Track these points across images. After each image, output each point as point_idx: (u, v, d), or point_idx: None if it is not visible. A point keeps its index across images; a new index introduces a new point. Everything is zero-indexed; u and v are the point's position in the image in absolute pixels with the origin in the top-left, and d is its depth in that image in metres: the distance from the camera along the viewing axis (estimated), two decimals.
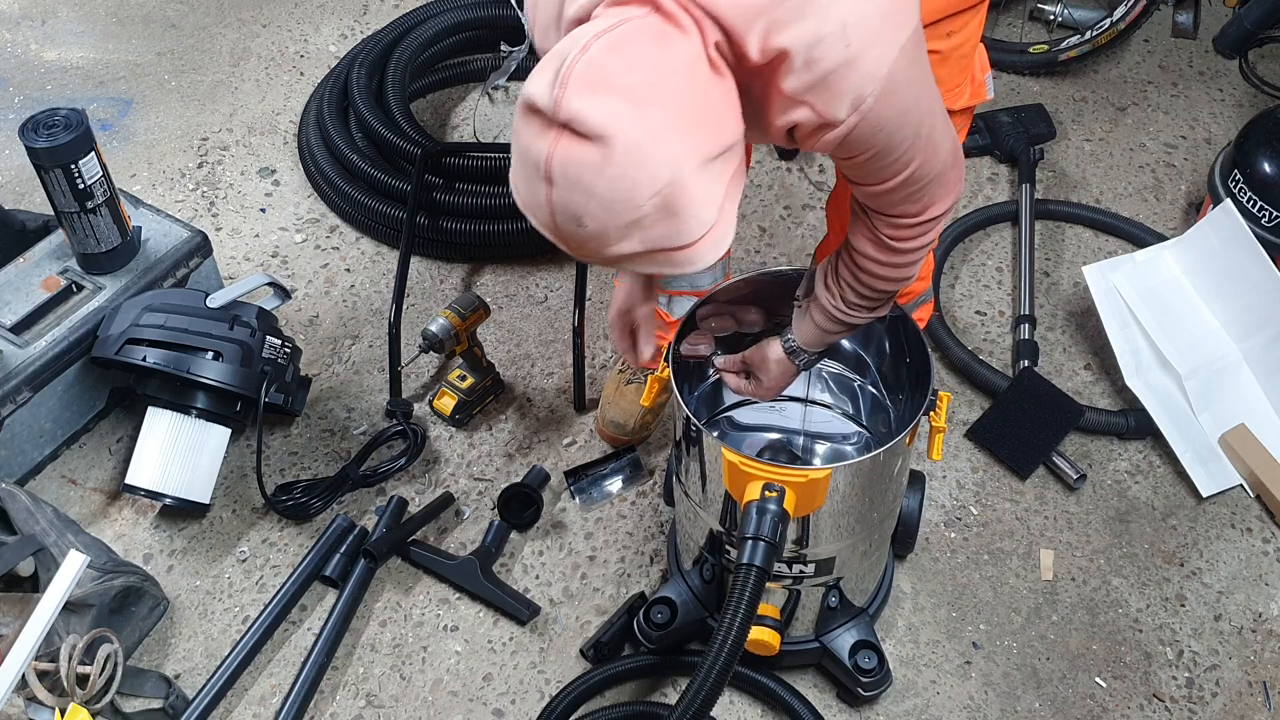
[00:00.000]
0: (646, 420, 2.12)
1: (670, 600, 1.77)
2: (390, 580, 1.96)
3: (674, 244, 1.11)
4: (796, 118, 1.17)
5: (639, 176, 1.06)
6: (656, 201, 1.07)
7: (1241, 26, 2.72)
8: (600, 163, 1.05)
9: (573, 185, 1.07)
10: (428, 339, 2.04)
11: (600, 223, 1.09)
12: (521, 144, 1.11)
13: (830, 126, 1.17)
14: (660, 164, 1.06)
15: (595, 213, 1.08)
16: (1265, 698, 1.82)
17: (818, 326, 1.53)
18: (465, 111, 2.84)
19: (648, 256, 1.13)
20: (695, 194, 1.09)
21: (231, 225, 2.57)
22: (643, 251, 1.12)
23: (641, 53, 1.07)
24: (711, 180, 1.11)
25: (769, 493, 1.42)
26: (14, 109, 2.86)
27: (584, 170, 1.06)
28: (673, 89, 1.07)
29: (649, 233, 1.10)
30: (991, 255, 2.49)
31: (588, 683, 1.76)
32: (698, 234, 1.12)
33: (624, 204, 1.07)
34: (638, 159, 1.05)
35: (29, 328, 2.03)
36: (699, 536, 1.69)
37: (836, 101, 1.15)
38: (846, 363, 1.81)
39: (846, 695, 1.79)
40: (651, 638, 1.76)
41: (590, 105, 1.04)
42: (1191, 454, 2.09)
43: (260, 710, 1.80)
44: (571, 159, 1.06)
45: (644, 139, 1.05)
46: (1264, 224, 2.26)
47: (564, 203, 1.09)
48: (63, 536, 1.78)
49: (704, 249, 1.13)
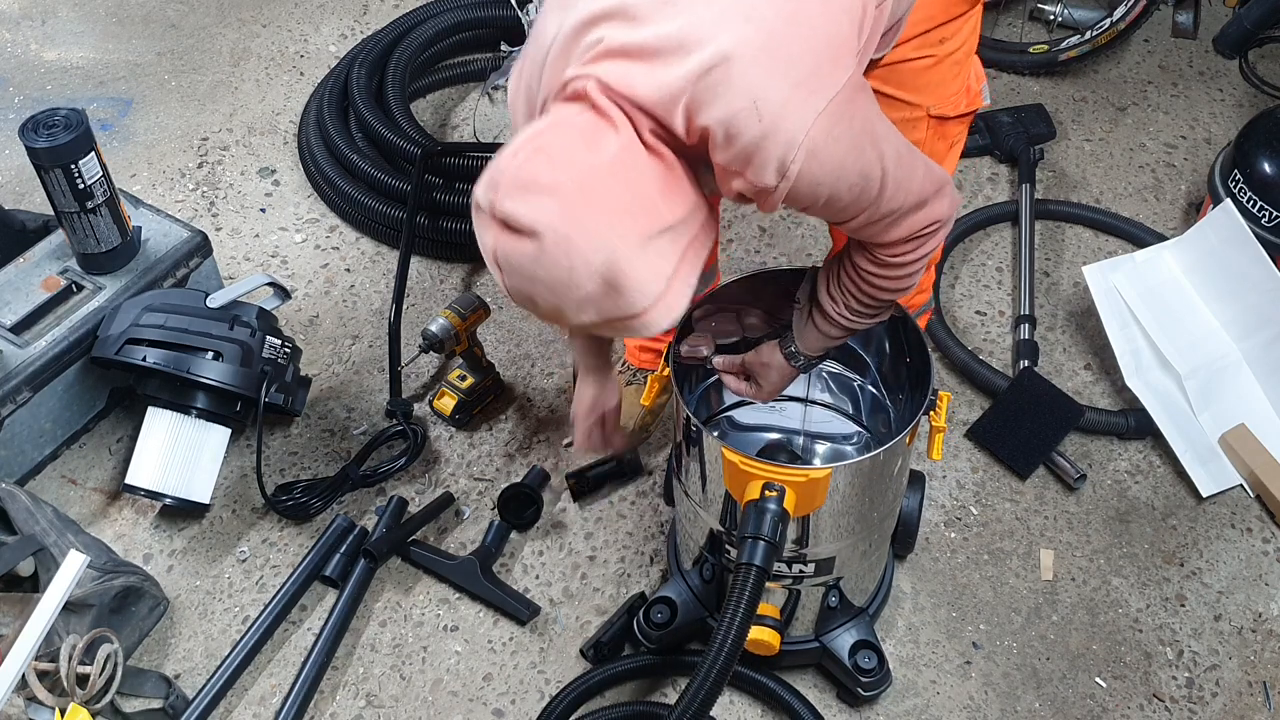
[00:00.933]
0: (646, 420, 2.12)
1: (670, 600, 1.77)
2: (390, 580, 1.96)
3: (625, 314, 1.19)
4: (736, 186, 1.23)
5: (573, 264, 1.14)
6: (597, 280, 1.15)
7: (1241, 26, 2.71)
8: (536, 254, 1.14)
9: (516, 273, 1.18)
10: (428, 339, 2.04)
11: (550, 303, 1.19)
12: (477, 233, 1.22)
13: (766, 192, 1.22)
14: (592, 250, 1.14)
15: (543, 295, 1.18)
16: (1265, 698, 1.82)
17: (820, 332, 1.53)
18: (465, 111, 2.84)
19: (606, 325, 1.21)
20: (637, 271, 1.17)
21: (231, 225, 2.57)
22: (600, 321, 1.20)
23: (569, 153, 1.16)
24: (656, 255, 1.18)
25: (769, 492, 1.42)
26: (14, 109, 2.86)
27: (523, 260, 1.16)
28: (599, 183, 1.16)
29: (600, 305, 1.18)
30: (991, 255, 2.49)
31: (587, 683, 1.76)
32: (645, 304, 1.19)
33: (565, 286, 1.16)
34: (568, 249, 1.14)
35: (29, 328, 2.03)
36: (699, 536, 1.69)
37: (763, 170, 1.20)
38: (846, 363, 1.81)
39: (846, 695, 1.79)
40: (652, 637, 1.76)
41: (518, 206, 1.14)
42: (1191, 454, 2.09)
43: (260, 710, 1.80)
44: (511, 251, 1.16)
45: (572, 231, 1.14)
46: (1264, 224, 2.26)
47: (514, 287, 1.20)
48: (63, 536, 1.78)
49: (655, 317, 1.20)
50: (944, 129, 1.69)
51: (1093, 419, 2.13)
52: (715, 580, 1.75)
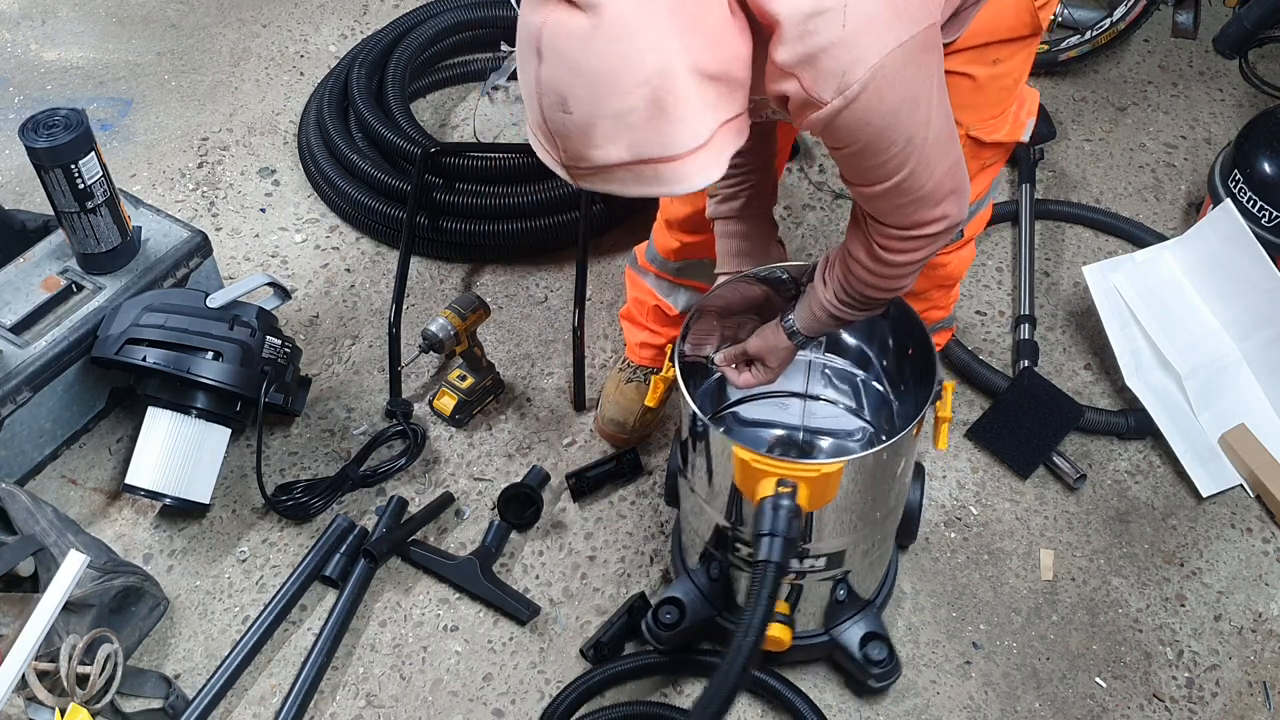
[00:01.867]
0: (646, 420, 2.12)
1: (678, 600, 1.77)
2: (390, 580, 1.96)
3: (662, 153, 1.10)
4: (785, 88, 1.17)
5: (626, 54, 1.04)
6: (644, 93, 1.05)
7: (1241, 26, 2.71)
8: (589, 33, 1.03)
9: (560, 58, 1.06)
10: (428, 339, 2.04)
11: (584, 108, 1.07)
12: (520, 26, 1.10)
13: (815, 106, 1.16)
14: (649, 48, 1.04)
15: (580, 93, 1.06)
16: (1265, 698, 1.82)
17: (813, 315, 1.53)
18: (465, 111, 2.84)
19: (634, 169, 1.11)
20: (687, 98, 1.07)
21: (231, 225, 2.57)
22: (630, 161, 1.10)
23: None
24: (705, 98, 1.09)
25: (782, 488, 1.41)
26: (14, 109, 2.86)
27: (571, 41, 1.05)
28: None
29: (636, 134, 1.08)
30: (991, 255, 2.49)
31: (588, 682, 1.76)
32: (688, 144, 1.10)
33: (609, 87, 1.05)
34: (625, 34, 1.03)
35: (29, 328, 2.03)
36: (705, 533, 1.69)
37: (823, 81, 1.14)
38: (849, 357, 1.81)
39: (855, 687, 1.79)
40: (661, 638, 1.75)
41: None
42: (1191, 454, 2.09)
43: (260, 710, 1.80)
44: (560, 28, 1.05)
45: (635, 15, 1.04)
46: (1264, 224, 2.26)
47: (550, 80, 1.07)
48: (63, 536, 1.78)
49: (693, 167, 1.12)
50: (979, 152, 1.66)
51: (1093, 419, 2.13)
52: (722, 578, 1.75)
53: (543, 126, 1.13)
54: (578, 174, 1.16)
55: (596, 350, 2.31)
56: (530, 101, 1.12)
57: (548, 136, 1.13)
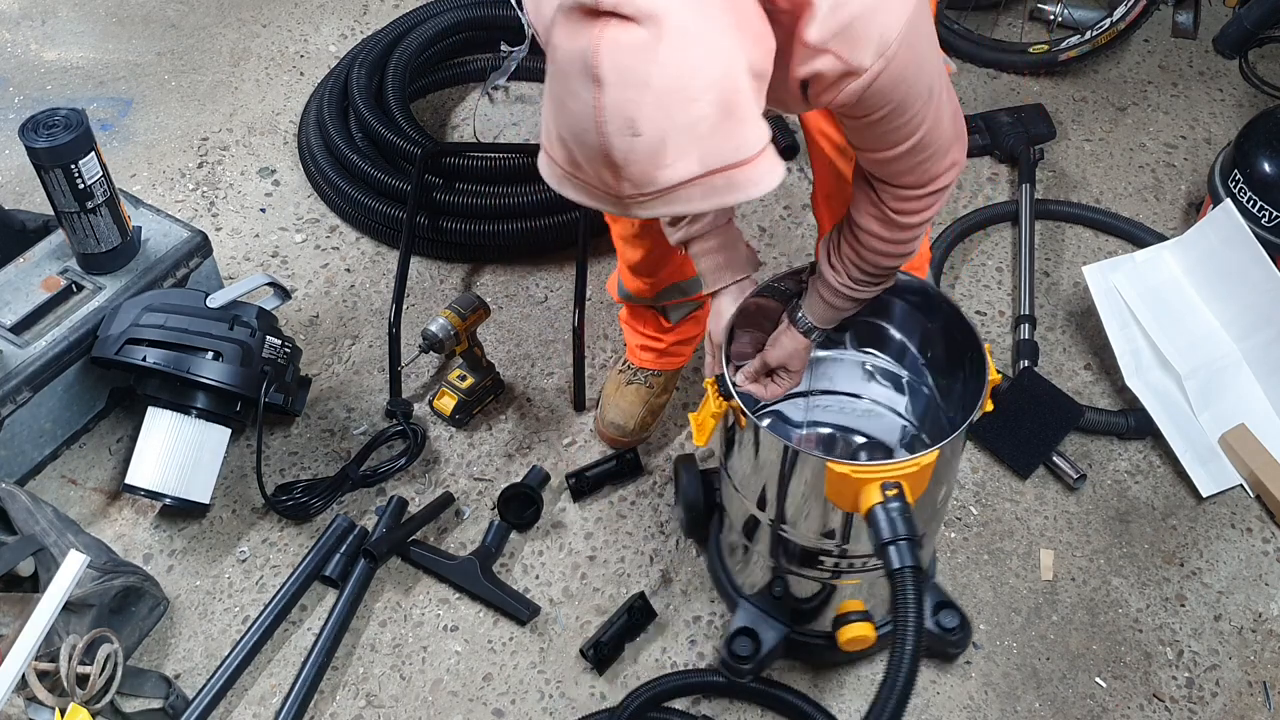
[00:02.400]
0: (646, 421, 2.12)
1: (749, 630, 1.74)
2: (390, 580, 1.96)
3: (735, 159, 1.05)
4: (819, 67, 1.15)
5: (693, 60, 1.00)
6: (712, 97, 1.02)
7: (1241, 26, 2.72)
8: (651, 43, 0.99)
9: (624, 76, 0.99)
10: (428, 339, 2.04)
11: (656, 125, 1.01)
12: (560, 57, 1.03)
13: (854, 75, 1.15)
14: (714, 49, 1.01)
15: (650, 111, 1.00)
16: (1265, 698, 1.82)
17: (827, 303, 1.54)
18: (465, 111, 2.84)
19: (706, 181, 1.06)
20: (749, 99, 1.04)
21: (231, 225, 2.57)
22: (701, 174, 1.05)
23: None
24: (759, 95, 1.06)
25: (890, 491, 1.40)
26: (14, 109, 2.86)
27: (635, 56, 0.99)
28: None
29: (707, 143, 1.03)
30: (991, 255, 2.49)
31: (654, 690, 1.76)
32: (758, 145, 1.07)
33: (679, 95, 1.01)
34: (689, 39, 1.00)
35: (29, 328, 2.03)
36: (777, 556, 1.67)
37: (861, 48, 1.13)
38: (890, 352, 1.81)
39: (937, 659, 1.81)
40: (742, 672, 1.72)
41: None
42: (1191, 454, 2.09)
43: (260, 710, 1.80)
44: (621, 45, 0.99)
45: (694, 18, 1.00)
46: (1264, 224, 2.26)
47: (616, 103, 1.00)
48: (63, 536, 1.78)
49: (765, 167, 1.08)
50: None
51: (1093, 419, 2.13)
52: (787, 594, 1.74)
53: (603, 158, 1.05)
54: (637, 201, 1.08)
55: (596, 350, 2.31)
56: (582, 135, 1.04)
57: (608, 167, 1.05)
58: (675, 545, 2.00)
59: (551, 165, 1.13)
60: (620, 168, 1.04)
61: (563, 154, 1.09)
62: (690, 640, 1.88)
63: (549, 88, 1.08)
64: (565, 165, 1.10)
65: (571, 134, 1.06)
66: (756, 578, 1.78)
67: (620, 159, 1.04)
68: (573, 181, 1.11)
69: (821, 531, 1.59)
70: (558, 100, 1.06)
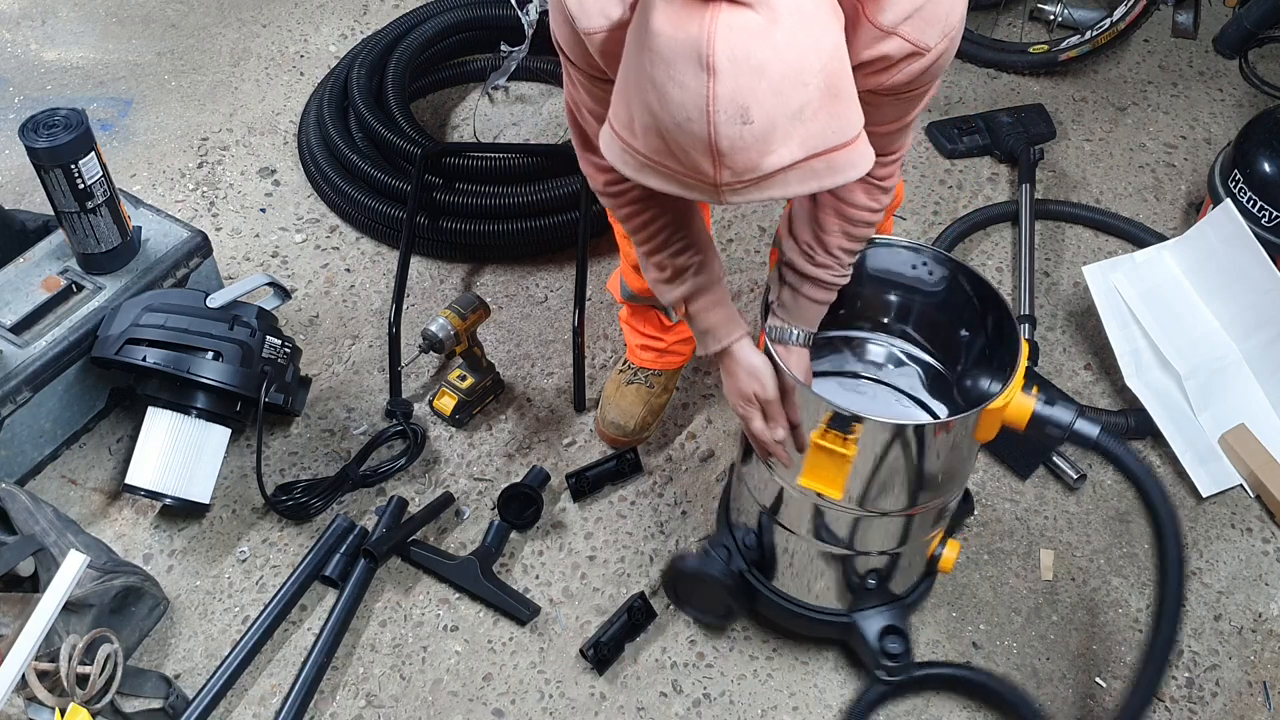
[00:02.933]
0: (646, 420, 2.12)
1: (897, 628, 1.74)
2: (390, 580, 1.96)
3: (836, 141, 1.04)
4: (886, 49, 1.17)
5: (804, 42, 0.99)
6: (820, 80, 1.00)
7: (1241, 26, 2.72)
8: (768, 26, 0.97)
9: (740, 64, 0.97)
10: (428, 339, 2.04)
11: (768, 112, 0.99)
12: (662, 44, 0.99)
13: (919, 55, 1.18)
14: (823, 27, 1.00)
15: (764, 98, 0.98)
16: (1265, 698, 1.82)
17: (818, 303, 1.53)
18: (465, 111, 2.85)
19: (807, 165, 1.04)
20: (850, 76, 1.04)
21: (231, 225, 2.57)
22: (802, 159, 1.03)
23: None
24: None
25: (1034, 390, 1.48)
26: (14, 109, 2.86)
27: (752, 40, 0.97)
28: None
29: (811, 126, 1.01)
30: (991, 255, 2.49)
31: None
32: (857, 126, 1.06)
33: (793, 80, 0.99)
34: (802, 19, 0.99)
35: (29, 328, 2.03)
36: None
37: (929, 29, 1.16)
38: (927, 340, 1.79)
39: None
40: (897, 671, 1.72)
41: None
42: (1191, 454, 2.09)
43: (260, 710, 1.80)
44: (736, 30, 0.97)
45: (805, 1, 1.00)
46: (1264, 224, 2.26)
47: (731, 92, 0.98)
48: (63, 536, 1.78)
49: (862, 147, 1.07)
50: None
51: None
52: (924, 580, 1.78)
53: (706, 146, 1.02)
54: (733, 189, 1.05)
55: (596, 350, 2.31)
56: (685, 125, 1.01)
57: (709, 156, 1.02)
58: (675, 545, 2.00)
59: (628, 153, 1.09)
60: (724, 155, 1.02)
61: (650, 143, 1.06)
62: (690, 640, 1.88)
63: (636, 76, 1.04)
64: (650, 154, 1.07)
65: (672, 122, 1.02)
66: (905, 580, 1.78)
67: (726, 147, 1.01)
68: (658, 170, 1.08)
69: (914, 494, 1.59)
70: (656, 88, 1.01)
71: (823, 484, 1.52)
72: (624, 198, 1.49)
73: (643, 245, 1.52)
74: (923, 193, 2.63)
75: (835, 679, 1.83)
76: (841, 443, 1.47)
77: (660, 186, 1.10)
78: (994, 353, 1.60)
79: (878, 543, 1.65)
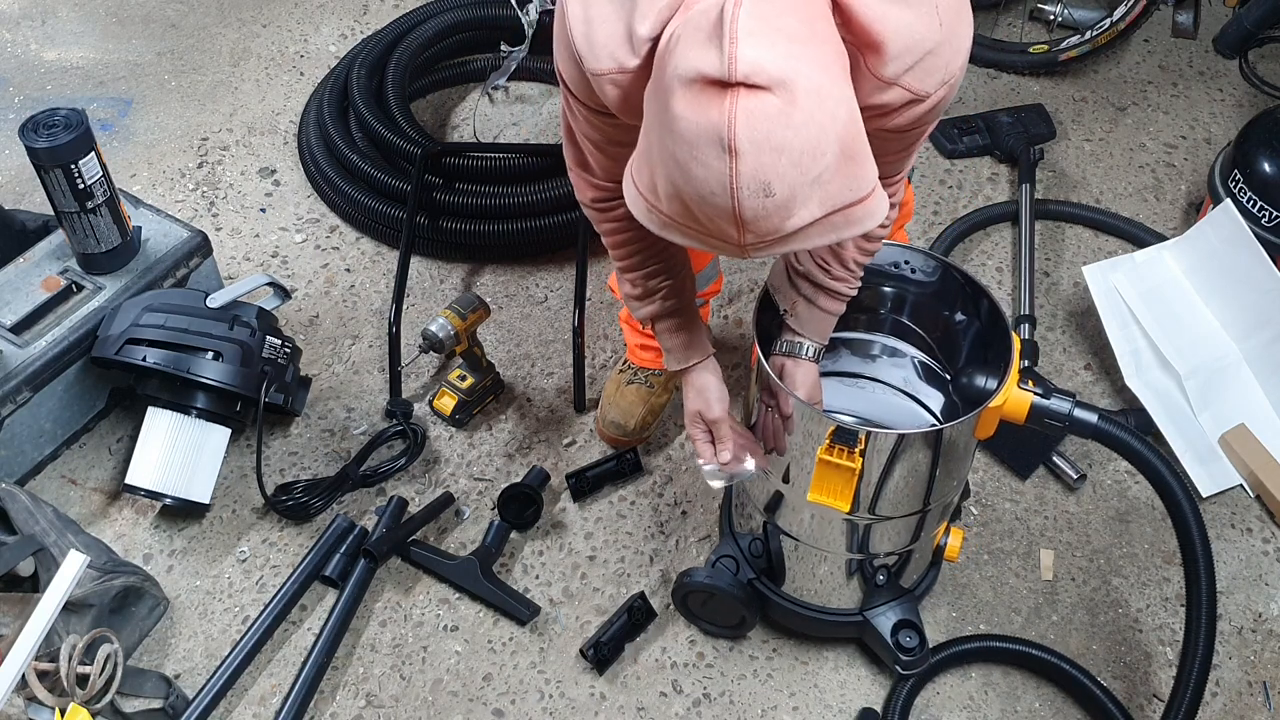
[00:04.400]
0: (646, 420, 2.12)
1: (910, 622, 1.75)
2: (390, 580, 1.96)
3: (851, 199, 1.07)
4: (887, 98, 1.18)
5: (823, 118, 1.01)
6: (837, 148, 1.03)
7: (1241, 26, 2.72)
8: (786, 109, 1.00)
9: (760, 145, 1.00)
10: (428, 339, 2.05)
11: (789, 184, 1.02)
12: (685, 128, 1.03)
13: (917, 102, 1.19)
14: (838, 101, 1.03)
15: (785, 172, 1.02)
16: (1265, 698, 1.82)
17: (831, 314, 1.55)
18: (465, 111, 2.85)
19: (825, 222, 1.07)
20: (863, 136, 1.07)
21: (231, 225, 2.57)
22: (821, 217, 1.06)
23: (784, 1, 1.04)
24: None
25: (1028, 383, 1.50)
26: (14, 109, 2.86)
27: (771, 123, 1.00)
28: (821, 29, 1.06)
29: (828, 188, 1.05)
30: (991, 255, 2.49)
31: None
32: (870, 181, 1.09)
33: (812, 152, 1.02)
34: (818, 98, 1.01)
35: (29, 328, 2.03)
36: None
37: (929, 78, 1.18)
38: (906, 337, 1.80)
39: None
40: (911, 664, 1.73)
41: (764, 52, 0.99)
42: (1191, 454, 2.09)
43: (260, 710, 1.80)
44: (756, 114, 1.00)
45: (820, 77, 1.02)
46: (1264, 224, 2.26)
47: (752, 170, 1.01)
48: (63, 536, 1.78)
49: (877, 201, 1.10)
50: None
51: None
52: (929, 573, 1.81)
53: (730, 216, 1.05)
54: (756, 248, 1.09)
55: (596, 350, 2.31)
56: (710, 199, 1.04)
57: (733, 224, 1.06)
58: (675, 545, 2.00)
59: (653, 212, 1.12)
60: (748, 224, 1.05)
61: (674, 208, 1.09)
62: (690, 640, 1.88)
63: (659, 149, 1.07)
64: (676, 217, 1.10)
65: (696, 195, 1.05)
66: (912, 574, 1.79)
67: (750, 217, 1.04)
68: (682, 230, 1.11)
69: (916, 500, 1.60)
70: (680, 165, 1.05)
71: (830, 498, 1.52)
72: (609, 214, 1.52)
73: (620, 261, 1.58)
74: (923, 193, 2.62)
75: (835, 679, 1.83)
76: (847, 456, 1.47)
77: (684, 243, 1.13)
78: (988, 350, 1.61)
79: (887, 544, 1.66)
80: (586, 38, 1.20)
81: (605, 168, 1.45)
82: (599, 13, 1.18)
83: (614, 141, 1.37)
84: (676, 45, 1.05)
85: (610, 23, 1.17)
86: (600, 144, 1.39)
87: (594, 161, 1.45)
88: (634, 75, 1.16)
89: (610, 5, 1.17)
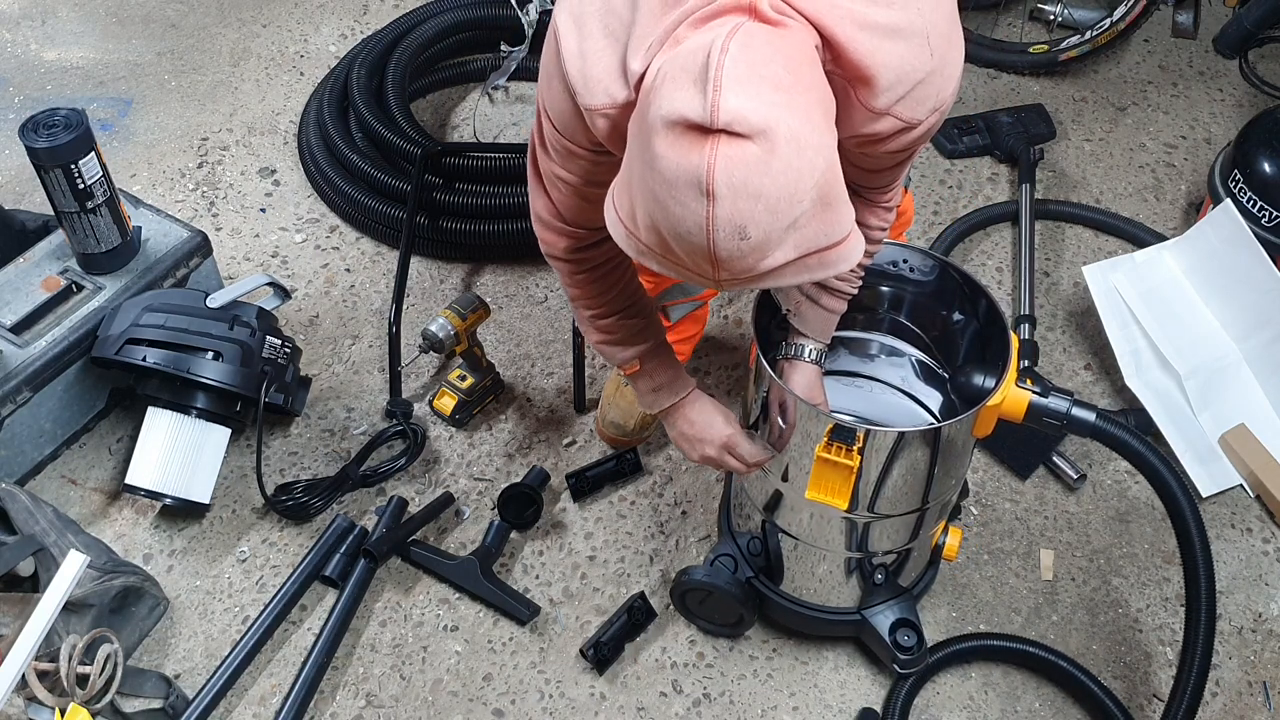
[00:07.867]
0: (646, 420, 2.12)
1: (909, 621, 1.75)
2: (390, 580, 1.96)
3: (826, 243, 1.08)
4: (877, 127, 1.19)
5: (801, 166, 1.02)
6: (814, 194, 1.04)
7: (1241, 26, 2.72)
8: (765, 158, 1.01)
9: (738, 191, 1.01)
10: (428, 339, 2.05)
11: (764, 229, 1.03)
12: (665, 168, 1.03)
13: (908, 129, 1.20)
14: (817, 150, 1.03)
15: (761, 218, 1.03)
16: (1265, 698, 1.82)
17: (834, 313, 1.56)
18: (465, 111, 2.85)
19: (799, 264, 1.08)
20: (840, 182, 1.07)
21: (231, 225, 2.57)
22: (795, 259, 1.07)
23: (771, 46, 1.05)
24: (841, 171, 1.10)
25: (1026, 381, 1.52)
26: (14, 109, 2.86)
27: (750, 171, 1.01)
28: (806, 75, 1.06)
29: (803, 233, 1.06)
30: (991, 255, 2.49)
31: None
32: (848, 227, 1.09)
33: (789, 199, 1.03)
34: (798, 146, 1.02)
35: (29, 328, 2.03)
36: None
37: (920, 106, 1.18)
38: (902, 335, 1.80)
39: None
40: (909, 663, 1.73)
41: (747, 101, 1.00)
42: (1191, 454, 2.09)
43: (260, 710, 1.80)
44: (735, 162, 1.01)
45: (802, 126, 1.02)
46: (1264, 224, 2.26)
47: (729, 214, 1.02)
48: (63, 536, 1.78)
49: (852, 245, 1.10)
50: None
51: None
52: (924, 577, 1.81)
53: (706, 255, 1.06)
54: (731, 285, 1.11)
55: (597, 350, 2.31)
56: (686, 237, 1.05)
57: (709, 262, 1.07)
58: (675, 545, 2.00)
59: (631, 239, 1.13)
60: (722, 262, 1.06)
61: (653, 239, 1.10)
62: (690, 640, 1.88)
63: (640, 182, 1.08)
64: (653, 246, 1.11)
65: (673, 233, 1.06)
66: (910, 575, 1.80)
67: (725, 257, 1.05)
68: (658, 259, 1.12)
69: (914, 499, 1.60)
70: (658, 201, 1.06)
71: (829, 496, 1.52)
72: (585, 263, 1.52)
73: (592, 309, 1.58)
74: (923, 193, 2.62)
75: (835, 679, 1.84)
76: (845, 454, 1.47)
77: (661, 271, 1.14)
78: (986, 349, 1.62)
79: (886, 543, 1.66)
80: (582, 73, 1.20)
81: (580, 211, 1.42)
82: (594, 46, 1.18)
83: (591, 181, 1.35)
84: (662, 84, 1.05)
85: (605, 57, 1.18)
86: (577, 186, 1.37)
87: (566, 209, 1.43)
88: (625, 109, 1.16)
89: (605, 39, 1.18)
